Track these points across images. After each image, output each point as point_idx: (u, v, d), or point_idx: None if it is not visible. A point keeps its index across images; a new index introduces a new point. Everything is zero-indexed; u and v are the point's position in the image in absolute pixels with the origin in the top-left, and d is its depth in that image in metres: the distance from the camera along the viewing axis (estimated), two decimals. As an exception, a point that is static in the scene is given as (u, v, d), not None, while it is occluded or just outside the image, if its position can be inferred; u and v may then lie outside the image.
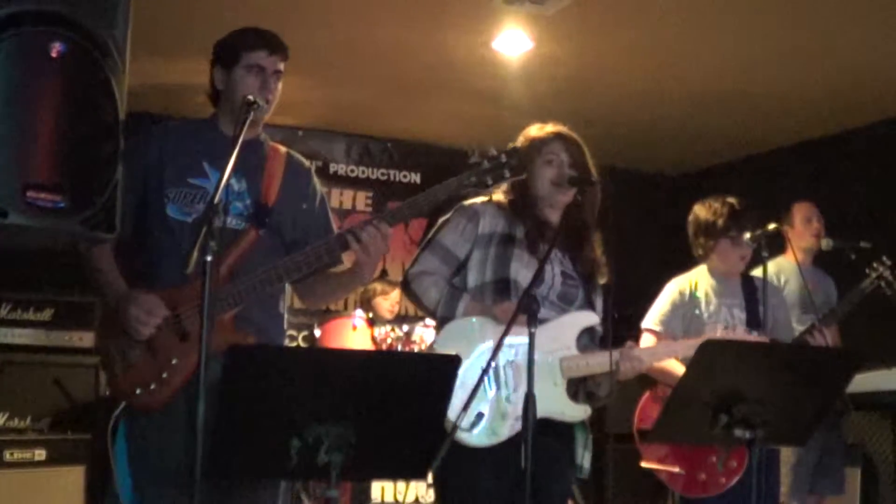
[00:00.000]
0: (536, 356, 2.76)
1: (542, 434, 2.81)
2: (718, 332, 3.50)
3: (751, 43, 5.10)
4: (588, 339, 3.07)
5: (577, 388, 3.02)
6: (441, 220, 3.11)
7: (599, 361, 2.95)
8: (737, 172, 7.01)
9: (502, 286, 2.98)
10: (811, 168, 6.46)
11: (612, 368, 2.90)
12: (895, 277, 4.38)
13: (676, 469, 3.64)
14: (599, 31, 5.06)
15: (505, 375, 2.91)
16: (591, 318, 3.04)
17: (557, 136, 3.11)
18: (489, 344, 2.85)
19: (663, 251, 4.25)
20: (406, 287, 3.09)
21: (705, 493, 3.62)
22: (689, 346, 3.23)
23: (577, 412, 2.98)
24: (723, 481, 3.59)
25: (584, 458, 3.06)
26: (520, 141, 3.13)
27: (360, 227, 2.63)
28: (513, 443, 2.79)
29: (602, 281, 3.15)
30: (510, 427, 2.86)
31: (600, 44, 5.22)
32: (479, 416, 2.84)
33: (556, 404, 2.93)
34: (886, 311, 4.48)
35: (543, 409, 2.81)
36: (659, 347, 3.34)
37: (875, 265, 4.42)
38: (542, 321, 2.91)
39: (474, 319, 2.94)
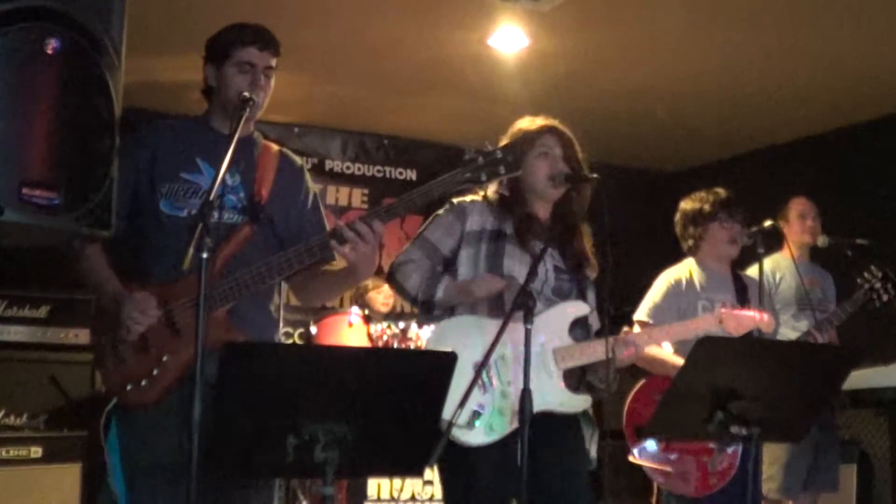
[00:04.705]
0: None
1: (543, 429, 2.81)
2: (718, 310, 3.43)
3: (747, 39, 5.10)
4: (582, 333, 3.05)
5: (579, 380, 3.00)
6: (434, 214, 3.12)
7: (594, 349, 2.94)
8: (732, 169, 7.01)
9: None
10: (807, 165, 6.46)
11: (608, 356, 2.88)
12: (885, 288, 4.36)
13: (667, 468, 3.64)
14: (595, 28, 5.06)
15: (497, 370, 2.89)
16: (582, 308, 3.03)
17: (550, 130, 3.11)
18: (483, 340, 2.81)
19: (659, 248, 4.24)
20: (391, 278, 3.10)
21: (695, 492, 3.62)
22: (685, 327, 3.23)
23: (576, 403, 2.97)
24: (713, 482, 3.59)
25: (591, 451, 3.06)
26: (511, 133, 3.12)
27: (352, 224, 2.61)
28: (513, 440, 2.76)
29: (592, 275, 3.13)
30: (508, 423, 2.84)
31: (596, 40, 5.22)
32: (476, 414, 2.82)
33: (553, 396, 2.92)
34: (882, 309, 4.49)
35: (541, 403, 2.79)
36: (654, 331, 3.28)
37: (866, 275, 4.39)
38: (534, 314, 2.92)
39: (469, 317, 2.94)
